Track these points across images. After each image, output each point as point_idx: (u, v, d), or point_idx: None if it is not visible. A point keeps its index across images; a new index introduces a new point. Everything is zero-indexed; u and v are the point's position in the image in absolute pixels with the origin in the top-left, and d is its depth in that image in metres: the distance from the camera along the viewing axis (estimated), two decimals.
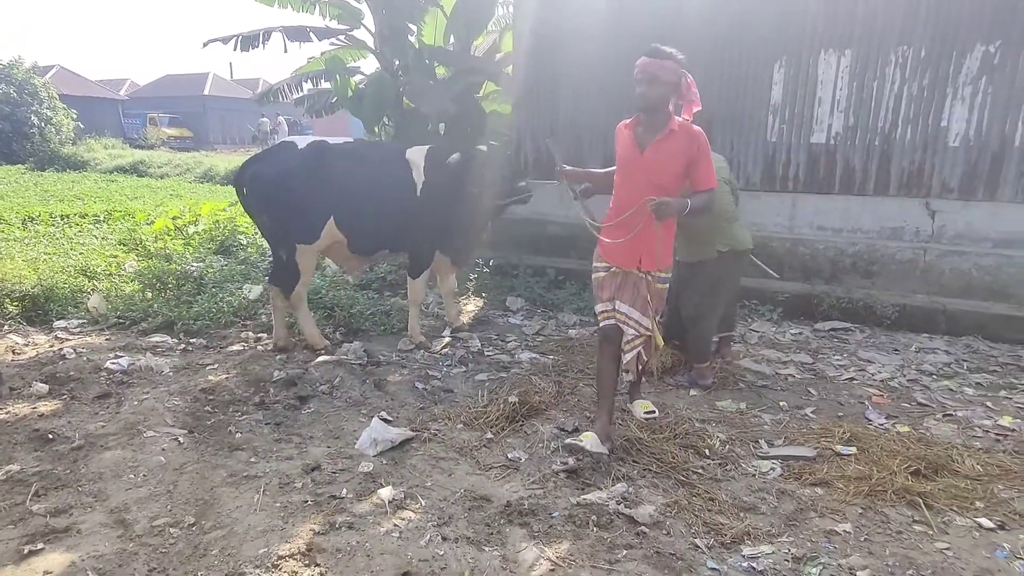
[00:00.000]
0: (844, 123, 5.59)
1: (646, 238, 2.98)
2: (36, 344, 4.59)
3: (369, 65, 8.25)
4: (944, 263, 5.30)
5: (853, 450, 3.10)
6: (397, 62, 7.15)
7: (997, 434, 3.36)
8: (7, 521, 2.45)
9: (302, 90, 7.45)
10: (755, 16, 5.72)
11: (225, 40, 6.50)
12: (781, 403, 3.79)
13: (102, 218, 9.68)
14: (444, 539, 2.42)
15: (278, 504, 2.63)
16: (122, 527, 2.45)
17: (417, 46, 7.20)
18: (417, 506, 2.64)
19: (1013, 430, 3.41)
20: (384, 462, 3.01)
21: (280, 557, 2.27)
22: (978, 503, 2.68)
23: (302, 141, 4.38)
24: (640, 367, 3.29)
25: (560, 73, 6.62)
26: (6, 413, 3.42)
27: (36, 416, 3.39)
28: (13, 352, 4.41)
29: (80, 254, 6.93)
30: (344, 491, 2.74)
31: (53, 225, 8.96)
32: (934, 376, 4.23)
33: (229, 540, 2.38)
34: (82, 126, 25.57)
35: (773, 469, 2.99)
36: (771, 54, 5.75)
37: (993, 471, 2.92)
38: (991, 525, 2.54)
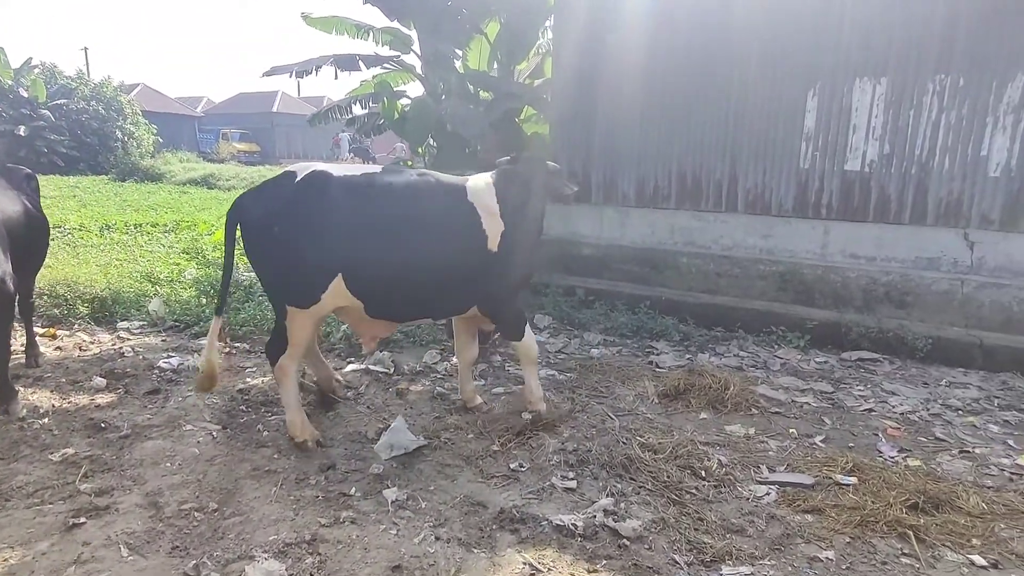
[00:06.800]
0: (879, 151, 5.53)
1: None
2: (100, 342, 5.07)
3: (415, 89, 8.67)
4: (983, 295, 5.15)
5: (853, 480, 3.10)
6: (441, 86, 7.50)
7: (1012, 473, 3.29)
8: (58, 497, 2.80)
9: (352, 112, 7.90)
10: (788, 44, 5.75)
11: (282, 70, 7.02)
12: (791, 431, 3.80)
13: (171, 228, 10.42)
14: (437, 539, 2.60)
15: (292, 497, 2.87)
16: (154, 508, 2.74)
17: (461, 71, 7.54)
18: (417, 507, 2.83)
19: None
20: (394, 465, 3.22)
21: (287, 544, 2.50)
22: (975, 540, 2.66)
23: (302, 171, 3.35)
24: None
25: (598, 98, 6.79)
26: (68, 403, 3.83)
27: (93, 407, 3.79)
28: (79, 348, 4.89)
29: (147, 261, 7.53)
30: (353, 489, 2.96)
31: (127, 233, 9.73)
32: (959, 411, 4.14)
33: (245, 526, 2.63)
34: (161, 140, 27.49)
35: (768, 494, 3.03)
36: (805, 82, 5.75)
37: (998, 509, 2.87)
38: (984, 563, 2.52)
